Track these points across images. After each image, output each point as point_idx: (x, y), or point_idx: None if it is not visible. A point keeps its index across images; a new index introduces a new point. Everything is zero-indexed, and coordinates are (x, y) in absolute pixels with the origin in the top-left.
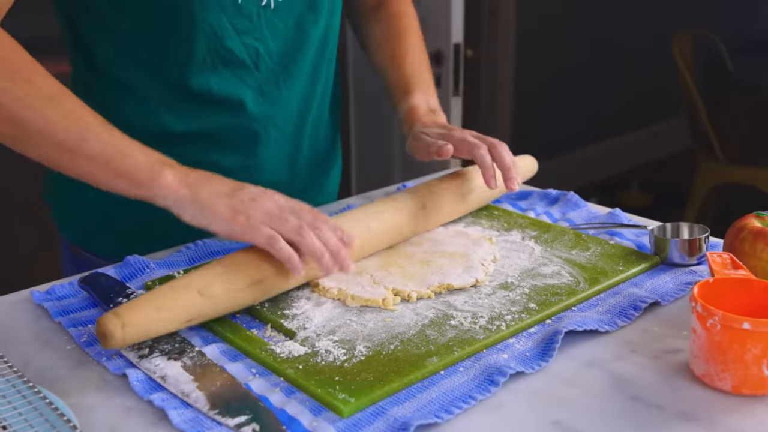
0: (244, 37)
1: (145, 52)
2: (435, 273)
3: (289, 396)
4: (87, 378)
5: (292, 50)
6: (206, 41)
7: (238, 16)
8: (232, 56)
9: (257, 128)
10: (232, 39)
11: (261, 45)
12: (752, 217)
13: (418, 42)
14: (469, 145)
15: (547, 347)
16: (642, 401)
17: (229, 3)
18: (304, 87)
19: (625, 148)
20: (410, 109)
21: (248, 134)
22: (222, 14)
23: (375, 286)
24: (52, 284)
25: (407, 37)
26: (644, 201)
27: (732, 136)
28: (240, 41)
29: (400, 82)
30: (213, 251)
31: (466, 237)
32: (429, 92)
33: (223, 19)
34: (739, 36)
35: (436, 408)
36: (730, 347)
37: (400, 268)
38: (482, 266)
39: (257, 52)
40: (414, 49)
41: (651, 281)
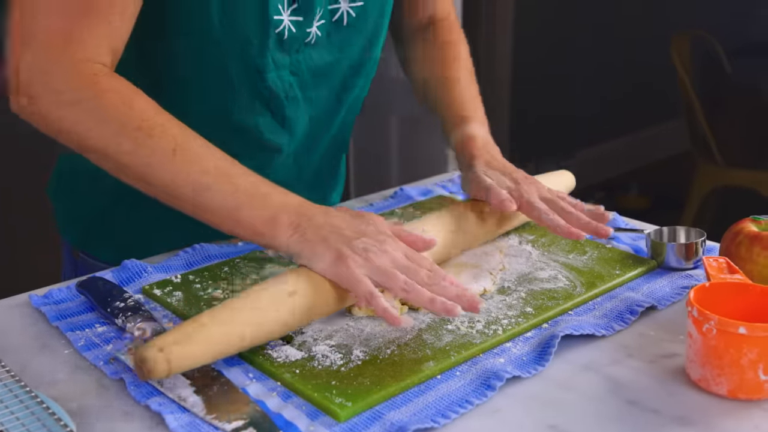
0: (282, 71)
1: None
2: None
3: (285, 400)
4: (84, 382)
5: (321, 81)
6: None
7: (279, 51)
8: (266, 89)
9: (267, 153)
10: (270, 72)
11: (296, 79)
12: (749, 221)
13: (469, 70)
14: (538, 211)
15: (544, 351)
16: (638, 405)
17: (272, 39)
18: (322, 114)
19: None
20: (468, 140)
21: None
22: (267, 50)
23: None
24: (50, 288)
25: (459, 64)
26: (642, 203)
27: (730, 139)
28: (277, 75)
29: (454, 109)
30: (210, 255)
31: None
32: (484, 122)
33: (266, 55)
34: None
35: (432, 412)
36: (726, 352)
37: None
38: (491, 275)
39: (291, 86)
40: (466, 77)
41: (647, 285)
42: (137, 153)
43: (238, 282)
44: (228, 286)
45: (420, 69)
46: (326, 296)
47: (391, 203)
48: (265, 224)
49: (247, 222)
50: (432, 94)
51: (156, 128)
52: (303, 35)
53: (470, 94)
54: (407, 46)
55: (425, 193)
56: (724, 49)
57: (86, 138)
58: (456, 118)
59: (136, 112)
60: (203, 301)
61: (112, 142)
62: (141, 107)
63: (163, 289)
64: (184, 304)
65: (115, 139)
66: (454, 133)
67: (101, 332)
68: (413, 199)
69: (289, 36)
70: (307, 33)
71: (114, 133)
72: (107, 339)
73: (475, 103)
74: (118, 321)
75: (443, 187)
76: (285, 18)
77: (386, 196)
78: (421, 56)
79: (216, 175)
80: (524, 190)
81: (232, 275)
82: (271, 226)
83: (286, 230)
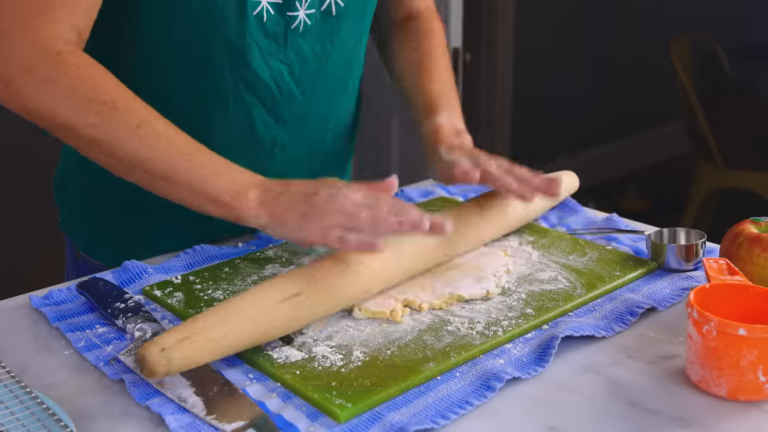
0: (270, 59)
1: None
2: (446, 284)
3: (286, 401)
4: (84, 383)
5: (314, 74)
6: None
7: (263, 36)
8: (254, 77)
9: (261, 149)
10: (255, 59)
11: (286, 68)
12: (749, 222)
13: (445, 61)
14: (493, 177)
15: (544, 353)
16: (638, 407)
17: (254, 22)
18: (322, 109)
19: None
20: (435, 129)
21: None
22: (247, 33)
23: (383, 296)
24: (50, 289)
25: (435, 55)
26: (642, 206)
27: (730, 141)
28: (264, 62)
29: (426, 100)
30: (211, 256)
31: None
32: (454, 112)
33: (247, 38)
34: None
35: (432, 413)
36: (725, 353)
37: (410, 278)
38: (494, 277)
39: (281, 75)
40: (441, 69)
41: (648, 287)
42: (103, 126)
43: (238, 282)
44: (228, 286)
45: (400, 68)
46: (328, 295)
47: None
48: (232, 198)
49: (213, 195)
50: (405, 87)
51: (119, 102)
52: (287, 21)
53: (441, 85)
54: (389, 44)
55: (426, 194)
56: (725, 51)
57: (55, 114)
58: (426, 110)
59: (101, 87)
60: (203, 302)
61: (78, 117)
62: (105, 83)
63: (164, 290)
64: (184, 305)
65: (82, 113)
66: (423, 124)
67: (101, 333)
68: (414, 200)
69: (269, 19)
70: (292, 19)
71: (80, 107)
72: (107, 340)
73: (445, 92)
74: (118, 322)
75: (444, 188)
76: (263, 0)
77: None
78: (399, 54)
79: (180, 152)
80: (483, 160)
81: (233, 276)
82: (237, 200)
83: (252, 205)
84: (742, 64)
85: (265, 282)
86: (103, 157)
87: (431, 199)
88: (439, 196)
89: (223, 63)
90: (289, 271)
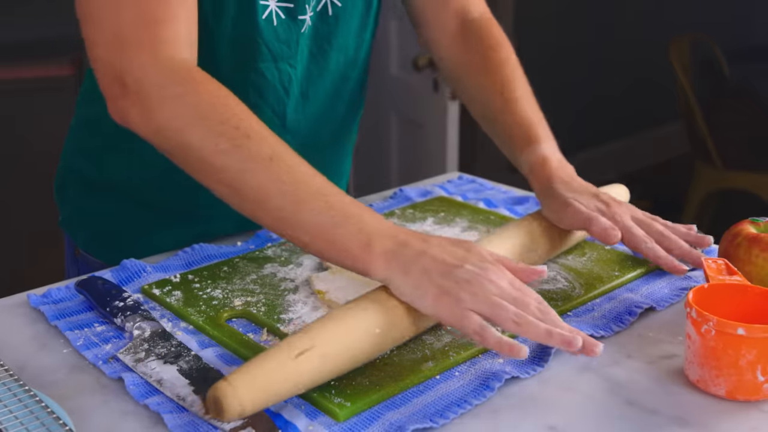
0: (281, 62)
1: None
2: None
3: (284, 400)
4: (83, 382)
5: (314, 75)
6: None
7: (275, 40)
8: (263, 81)
9: None
10: (266, 63)
11: (293, 71)
12: (747, 223)
13: (522, 76)
14: (635, 237)
15: (543, 352)
16: (637, 406)
17: (266, 26)
18: (320, 110)
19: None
20: (542, 160)
21: None
22: (259, 37)
23: None
24: (49, 288)
25: (511, 73)
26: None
27: (729, 142)
28: (275, 66)
29: (519, 128)
30: (209, 255)
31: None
32: (553, 142)
33: (259, 42)
34: (737, 41)
35: (431, 413)
36: (724, 353)
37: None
38: None
39: (290, 78)
40: (523, 88)
41: (646, 287)
42: (233, 155)
43: (237, 281)
44: (227, 285)
45: (469, 86)
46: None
47: (390, 204)
48: (361, 248)
49: (341, 243)
50: (490, 115)
51: (252, 131)
52: (297, 25)
53: (533, 110)
54: (448, 59)
55: (425, 193)
56: (724, 51)
57: (184, 133)
58: (524, 140)
59: (232, 112)
60: (202, 301)
61: (210, 140)
62: (238, 107)
63: (162, 289)
64: (183, 304)
65: (214, 137)
66: (524, 154)
67: (100, 331)
68: (412, 200)
69: (279, 23)
70: (301, 22)
71: (212, 130)
72: (106, 338)
73: (540, 119)
74: (117, 320)
75: (442, 188)
76: (272, 4)
77: (385, 196)
78: (463, 70)
79: (311, 191)
80: (617, 213)
81: (231, 275)
82: (367, 251)
83: (382, 258)
84: (742, 65)
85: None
86: (228, 190)
87: (429, 199)
88: (437, 196)
89: (231, 67)
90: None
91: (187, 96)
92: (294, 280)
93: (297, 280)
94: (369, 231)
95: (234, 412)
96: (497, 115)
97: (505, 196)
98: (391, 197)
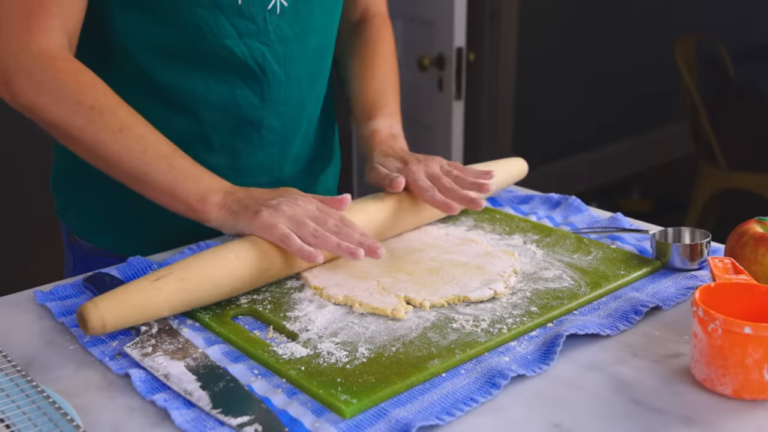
0: (248, 39)
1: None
2: (448, 282)
3: (291, 397)
4: (90, 377)
5: (297, 55)
6: (202, 40)
7: (239, 17)
8: (234, 57)
9: (251, 131)
10: (232, 39)
11: (267, 49)
12: (754, 222)
13: (389, 66)
14: (420, 188)
15: (549, 350)
16: (643, 405)
17: (227, 3)
18: (302, 91)
19: (626, 153)
20: (371, 134)
21: (241, 136)
22: (220, 14)
23: (384, 293)
24: (55, 284)
25: (379, 60)
26: (645, 206)
27: (733, 142)
28: (243, 42)
29: (364, 104)
30: None
31: (475, 245)
32: (393, 116)
33: (221, 19)
34: (742, 41)
35: (437, 410)
36: (731, 352)
37: (409, 275)
38: (501, 277)
39: (263, 56)
40: (383, 73)
41: (652, 286)
42: (87, 129)
43: None
44: None
45: (344, 67)
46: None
47: None
48: (198, 201)
49: (182, 197)
50: (349, 89)
51: (106, 108)
52: (263, 2)
53: (383, 90)
54: (341, 44)
55: None
56: (729, 51)
57: (47, 114)
58: (363, 114)
59: (89, 92)
60: None
61: (67, 119)
62: (95, 88)
63: None
64: None
65: (70, 115)
66: (361, 128)
67: None
68: None
69: (244, 1)
70: (266, 1)
71: (69, 110)
72: (112, 335)
73: (386, 98)
74: None
75: None
76: None
77: None
78: (346, 54)
79: (156, 155)
80: (411, 169)
81: None
82: (202, 203)
83: (215, 207)
84: (746, 65)
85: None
86: (88, 156)
87: None
88: None
89: (200, 44)
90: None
91: (49, 82)
92: (299, 279)
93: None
94: (205, 187)
95: (97, 325)
96: (353, 93)
97: (509, 195)
98: None
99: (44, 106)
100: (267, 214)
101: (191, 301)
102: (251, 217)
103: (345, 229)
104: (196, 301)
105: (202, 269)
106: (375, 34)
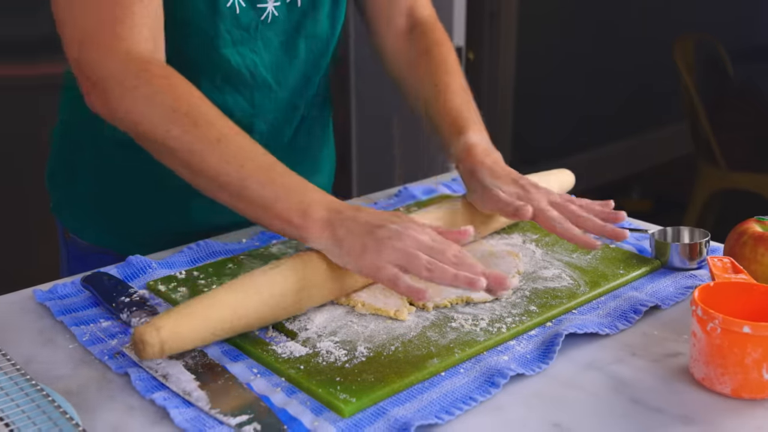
0: (241, 47)
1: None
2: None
3: (290, 396)
4: (89, 377)
5: (284, 63)
6: (201, 48)
7: (235, 27)
8: (228, 65)
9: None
10: (228, 48)
11: (257, 57)
12: (753, 221)
13: (461, 74)
14: (549, 219)
15: (548, 349)
16: (642, 404)
17: (227, 13)
18: (293, 95)
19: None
20: (468, 148)
21: None
22: (220, 23)
23: (387, 294)
24: (54, 283)
25: (450, 67)
26: (644, 206)
27: (733, 142)
28: (236, 51)
29: (449, 116)
30: (215, 251)
31: (478, 245)
32: (482, 130)
33: (221, 28)
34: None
35: (436, 409)
36: (730, 351)
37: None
38: None
39: (255, 64)
40: (459, 82)
41: (651, 285)
42: (183, 138)
43: None
44: None
45: (407, 78)
46: (319, 282)
47: (394, 202)
48: (299, 215)
49: (282, 213)
50: (423, 104)
51: (202, 116)
52: (257, 12)
53: (463, 100)
54: (392, 54)
55: (429, 191)
56: (728, 51)
57: (140, 122)
58: (453, 128)
59: (184, 99)
60: None
61: (162, 127)
62: (190, 95)
63: (168, 285)
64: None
65: (165, 123)
66: (452, 143)
67: (106, 327)
68: (417, 197)
69: (241, 11)
70: (261, 10)
71: (163, 117)
72: (112, 334)
73: (469, 109)
74: (122, 316)
75: (447, 185)
76: None
77: (390, 194)
78: (406, 64)
79: (256, 167)
80: (534, 198)
81: (237, 272)
82: (303, 217)
83: (317, 224)
84: (746, 65)
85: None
86: (180, 167)
87: (434, 197)
88: (442, 194)
89: (196, 51)
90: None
91: (141, 88)
92: None
93: None
94: (308, 202)
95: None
96: (430, 107)
97: None
98: (396, 195)
99: (137, 114)
100: (374, 253)
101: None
102: (358, 255)
103: (466, 260)
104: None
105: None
106: (433, 40)
